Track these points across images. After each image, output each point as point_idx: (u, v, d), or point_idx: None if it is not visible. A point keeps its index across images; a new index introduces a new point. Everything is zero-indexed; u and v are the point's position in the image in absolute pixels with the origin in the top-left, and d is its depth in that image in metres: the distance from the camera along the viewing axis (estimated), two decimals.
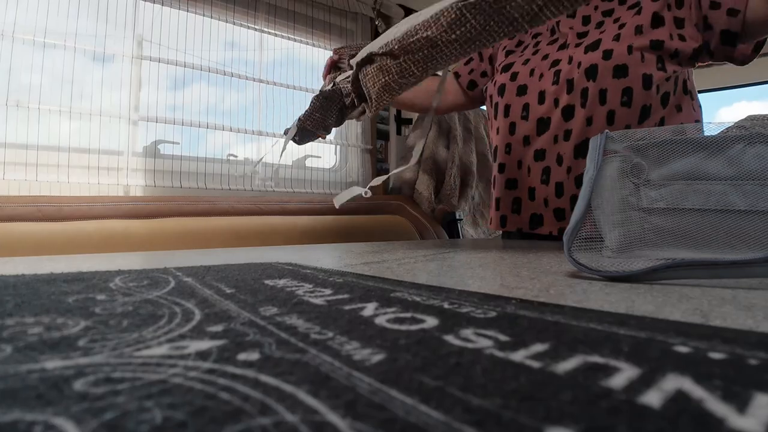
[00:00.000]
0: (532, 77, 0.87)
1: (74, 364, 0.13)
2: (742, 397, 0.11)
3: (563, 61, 0.84)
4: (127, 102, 1.34)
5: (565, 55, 0.84)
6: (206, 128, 1.49)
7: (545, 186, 0.85)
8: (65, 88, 1.23)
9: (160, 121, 1.38)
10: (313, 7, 1.72)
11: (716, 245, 0.38)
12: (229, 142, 1.58)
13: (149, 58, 1.37)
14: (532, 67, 0.88)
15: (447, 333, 0.17)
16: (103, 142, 1.28)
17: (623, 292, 0.27)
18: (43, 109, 1.19)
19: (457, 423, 0.10)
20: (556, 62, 0.85)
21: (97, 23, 1.29)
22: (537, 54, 0.90)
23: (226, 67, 1.54)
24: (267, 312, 0.21)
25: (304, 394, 0.11)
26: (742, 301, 0.24)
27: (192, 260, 0.48)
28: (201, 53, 1.49)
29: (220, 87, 1.54)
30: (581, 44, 0.82)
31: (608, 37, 0.80)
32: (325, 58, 1.02)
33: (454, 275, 0.36)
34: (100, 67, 1.31)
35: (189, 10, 1.45)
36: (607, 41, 0.79)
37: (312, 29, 1.72)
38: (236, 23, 1.56)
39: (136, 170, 1.34)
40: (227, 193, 1.50)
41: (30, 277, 0.31)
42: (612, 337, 0.16)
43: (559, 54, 0.86)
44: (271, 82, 1.65)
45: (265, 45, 1.64)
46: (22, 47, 1.17)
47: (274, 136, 1.66)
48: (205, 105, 1.52)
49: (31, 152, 1.18)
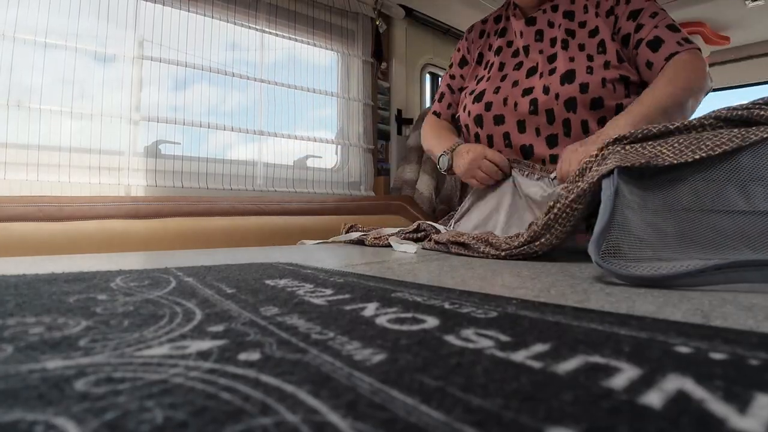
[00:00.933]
0: (506, 106, 0.91)
1: (75, 363, 0.13)
2: (743, 397, 0.11)
3: (537, 89, 0.87)
4: (128, 102, 1.34)
5: (536, 83, 0.88)
6: (207, 128, 1.49)
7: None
8: (66, 88, 1.24)
9: (161, 121, 1.39)
10: (314, 7, 1.73)
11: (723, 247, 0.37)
12: (230, 143, 1.58)
13: (150, 58, 1.37)
14: (504, 96, 0.91)
15: (448, 333, 0.17)
16: (104, 142, 1.28)
17: (624, 292, 0.27)
18: (44, 110, 1.19)
19: (457, 423, 0.10)
20: (528, 90, 0.89)
21: (98, 23, 1.29)
22: (505, 81, 0.93)
23: (227, 67, 1.55)
24: (268, 312, 0.21)
25: (305, 394, 0.11)
26: (743, 302, 0.24)
27: (193, 260, 0.48)
28: (202, 53, 1.49)
29: (221, 87, 1.54)
30: (555, 72, 0.86)
31: (581, 68, 0.84)
32: (326, 58, 1.06)
33: (455, 275, 0.36)
34: (101, 67, 1.31)
35: (190, 10, 1.45)
36: (581, 73, 0.84)
37: (313, 29, 1.73)
38: (237, 23, 1.56)
39: (137, 170, 1.34)
40: (228, 193, 1.50)
41: (31, 277, 0.31)
42: (613, 338, 0.16)
43: (530, 81, 0.89)
44: (272, 82, 1.65)
45: (266, 45, 1.64)
46: (23, 47, 1.18)
47: (275, 136, 1.66)
48: (206, 105, 1.52)
49: (32, 152, 1.18)
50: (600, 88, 0.82)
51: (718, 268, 0.27)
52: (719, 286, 0.29)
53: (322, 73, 1.75)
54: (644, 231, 0.41)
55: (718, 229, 0.38)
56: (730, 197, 0.39)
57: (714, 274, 0.27)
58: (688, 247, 0.38)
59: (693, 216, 0.40)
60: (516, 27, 0.95)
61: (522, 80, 0.91)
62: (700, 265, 0.28)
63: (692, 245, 0.38)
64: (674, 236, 0.40)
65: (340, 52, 1.80)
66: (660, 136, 0.48)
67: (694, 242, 0.38)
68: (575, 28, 0.89)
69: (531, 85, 0.89)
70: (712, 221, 0.38)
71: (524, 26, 0.94)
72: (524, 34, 0.93)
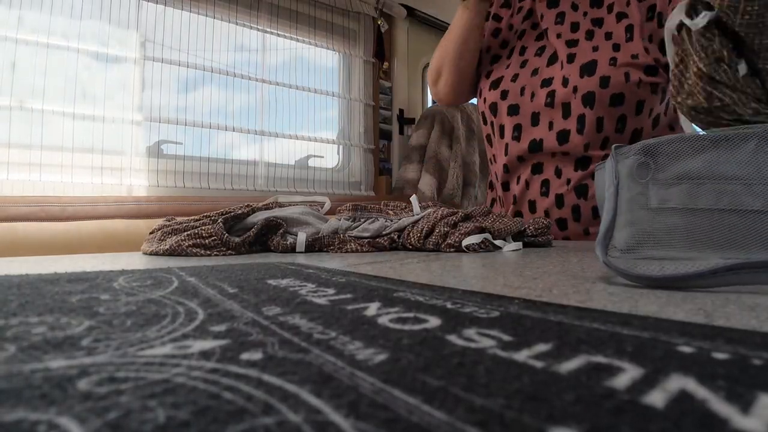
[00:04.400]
0: (524, 96, 0.86)
1: (78, 363, 0.13)
2: (746, 397, 0.11)
3: (556, 81, 0.82)
4: (130, 102, 1.34)
5: (557, 73, 0.83)
6: (209, 128, 1.49)
7: (545, 198, 0.86)
8: (68, 88, 1.24)
9: (163, 121, 1.39)
10: (316, 7, 1.72)
11: (736, 246, 0.37)
12: (232, 143, 1.58)
13: (152, 58, 1.37)
14: (522, 85, 0.87)
15: (450, 333, 0.17)
16: (106, 142, 1.28)
17: (626, 292, 0.27)
18: (47, 110, 1.19)
19: (460, 423, 0.10)
20: (547, 81, 0.84)
21: (100, 24, 1.29)
22: (525, 68, 0.88)
23: (228, 67, 1.55)
24: (270, 312, 0.21)
25: (307, 394, 0.11)
26: (746, 301, 0.24)
27: (195, 260, 0.48)
28: (204, 54, 1.49)
29: (223, 87, 1.54)
30: (574, 60, 0.81)
31: (604, 59, 0.78)
32: (328, 59, 1.03)
33: (457, 275, 0.36)
34: (103, 67, 1.31)
35: (192, 10, 1.45)
36: (603, 65, 0.78)
37: (314, 29, 1.72)
38: (239, 23, 1.56)
39: (139, 170, 1.34)
40: (229, 192, 1.50)
41: (34, 277, 0.31)
42: (615, 337, 0.16)
43: (550, 71, 0.84)
44: (274, 82, 1.65)
45: (268, 45, 1.64)
46: (25, 48, 1.18)
47: (277, 136, 1.66)
48: (207, 105, 1.52)
49: (35, 152, 1.18)
50: (623, 83, 0.76)
51: (730, 269, 0.26)
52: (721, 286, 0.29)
53: (323, 74, 1.75)
54: (653, 229, 0.40)
55: (732, 228, 0.38)
56: (744, 196, 0.38)
57: (726, 275, 0.27)
58: (703, 246, 0.38)
59: (706, 214, 0.39)
60: (539, 9, 0.90)
61: (542, 68, 0.86)
62: (712, 265, 0.27)
63: (707, 244, 0.38)
64: (686, 234, 0.39)
65: (341, 52, 1.80)
66: None
67: (709, 241, 0.38)
68: (603, 15, 0.82)
69: (551, 75, 0.84)
70: (726, 220, 0.38)
71: (545, 9, 0.88)
72: (545, 17, 0.88)
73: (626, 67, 0.76)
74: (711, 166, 0.39)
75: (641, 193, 0.42)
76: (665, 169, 0.42)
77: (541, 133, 0.84)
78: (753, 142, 0.38)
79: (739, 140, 0.39)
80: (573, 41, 0.83)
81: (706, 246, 0.38)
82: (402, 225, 0.64)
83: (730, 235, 0.37)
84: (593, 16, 0.84)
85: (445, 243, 0.58)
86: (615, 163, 0.43)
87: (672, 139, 0.42)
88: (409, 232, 0.62)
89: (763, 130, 0.38)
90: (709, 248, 0.38)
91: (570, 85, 0.80)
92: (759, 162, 0.38)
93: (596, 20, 0.83)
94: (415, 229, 0.61)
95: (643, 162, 0.42)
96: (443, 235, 0.59)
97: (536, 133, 0.85)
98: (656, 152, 0.42)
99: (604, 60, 0.78)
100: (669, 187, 0.41)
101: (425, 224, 0.61)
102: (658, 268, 0.31)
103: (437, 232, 0.59)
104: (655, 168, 0.42)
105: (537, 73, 0.86)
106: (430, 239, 0.59)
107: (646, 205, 0.41)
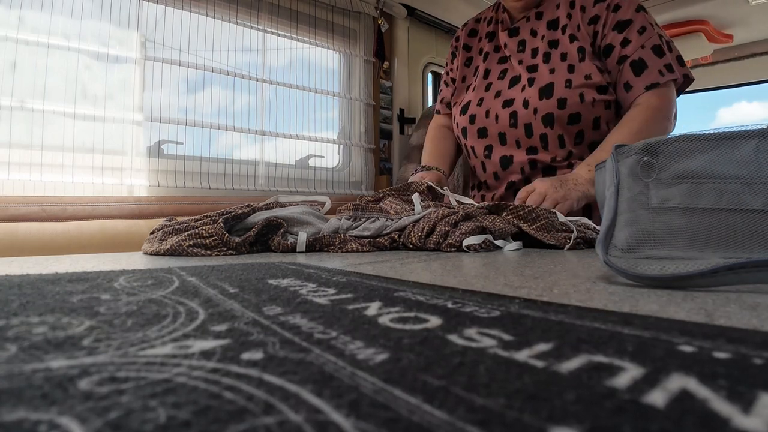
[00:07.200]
0: (489, 119, 0.93)
1: (79, 363, 0.13)
2: (747, 396, 0.11)
3: (517, 102, 0.89)
4: (131, 102, 1.34)
5: (518, 95, 0.89)
6: (210, 128, 1.49)
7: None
8: (69, 88, 1.24)
9: (164, 121, 1.39)
10: (316, 6, 1.72)
11: (736, 245, 0.37)
12: (233, 143, 1.58)
13: (153, 58, 1.37)
14: (487, 108, 0.94)
15: (450, 332, 0.17)
16: (107, 142, 1.28)
17: (627, 291, 0.27)
18: (48, 110, 1.19)
19: (460, 422, 0.10)
20: (509, 102, 0.90)
21: (101, 24, 1.29)
22: (489, 91, 0.95)
23: (229, 67, 1.55)
24: (271, 311, 0.21)
25: (308, 394, 0.11)
26: (747, 301, 0.24)
27: (196, 260, 0.48)
28: (205, 54, 1.49)
29: (224, 87, 1.54)
30: (533, 84, 0.87)
31: (560, 82, 0.84)
32: (329, 58, 1.11)
33: (457, 274, 0.36)
34: (104, 68, 1.31)
35: (192, 10, 1.45)
36: (560, 88, 0.84)
37: (315, 29, 1.72)
38: (239, 23, 1.56)
39: (140, 170, 1.34)
40: (230, 192, 1.50)
41: (34, 277, 0.31)
42: (616, 337, 0.16)
43: (511, 92, 0.91)
44: (275, 82, 1.65)
45: (269, 45, 1.64)
46: (26, 48, 1.18)
47: (277, 136, 1.66)
48: (208, 105, 1.52)
49: (36, 152, 1.18)
50: (578, 103, 0.83)
51: (731, 268, 0.26)
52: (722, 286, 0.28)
53: (324, 73, 1.75)
54: (654, 228, 0.40)
55: (733, 228, 0.37)
56: (744, 196, 0.38)
57: (726, 275, 0.26)
58: (704, 245, 0.38)
59: (707, 213, 0.39)
60: (502, 39, 0.97)
61: (504, 90, 0.93)
62: (712, 264, 0.27)
63: (707, 243, 0.38)
64: (686, 234, 0.39)
65: (342, 52, 1.79)
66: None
67: (709, 240, 0.38)
68: (558, 36, 0.89)
69: (512, 97, 0.90)
70: (727, 219, 0.38)
71: (507, 38, 0.95)
72: (508, 45, 0.95)
73: (581, 88, 0.83)
74: (711, 165, 0.39)
75: (642, 192, 0.42)
76: (666, 168, 0.42)
77: (509, 150, 0.92)
78: (753, 141, 0.38)
79: (740, 140, 0.39)
80: (533, 66, 0.90)
81: (706, 245, 0.38)
82: (402, 224, 0.65)
83: (730, 234, 0.37)
84: (550, 38, 0.90)
85: (446, 242, 0.58)
86: (615, 163, 0.43)
87: (673, 139, 0.42)
88: (410, 231, 0.62)
89: (763, 129, 0.38)
90: (710, 247, 0.38)
91: (530, 107, 0.87)
92: (759, 161, 0.38)
93: (553, 42, 0.89)
94: (415, 229, 0.61)
95: (647, 161, 0.42)
96: (444, 234, 0.59)
97: (505, 150, 0.92)
98: (657, 152, 0.42)
99: (561, 83, 0.84)
100: (669, 186, 0.41)
101: (426, 224, 0.61)
102: (658, 268, 0.31)
103: (438, 232, 0.59)
104: (658, 168, 0.42)
105: (499, 95, 0.93)
106: (430, 239, 0.59)
107: (647, 205, 0.41)
